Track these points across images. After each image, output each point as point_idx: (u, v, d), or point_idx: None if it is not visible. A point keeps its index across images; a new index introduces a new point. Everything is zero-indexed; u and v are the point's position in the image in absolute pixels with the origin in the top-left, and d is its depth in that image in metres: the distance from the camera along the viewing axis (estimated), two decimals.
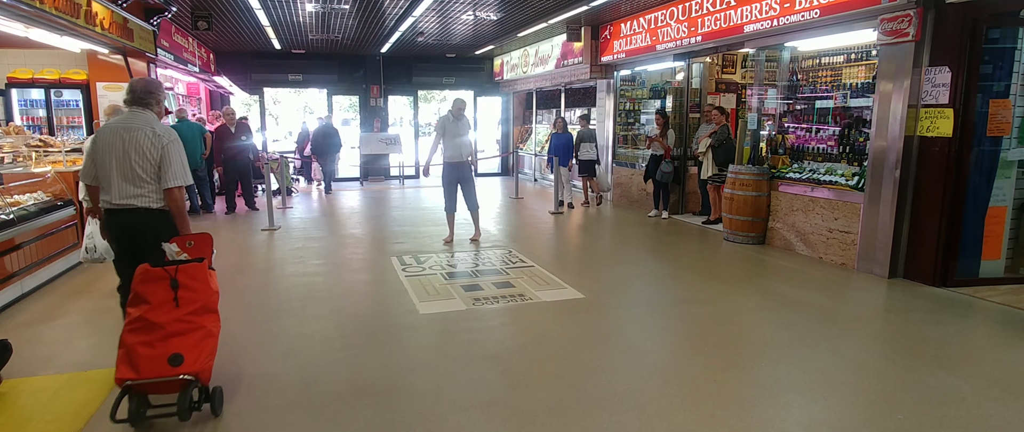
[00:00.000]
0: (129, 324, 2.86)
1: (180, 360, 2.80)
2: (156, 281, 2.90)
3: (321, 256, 6.65)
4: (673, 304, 4.99)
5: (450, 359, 3.79)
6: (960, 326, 4.48)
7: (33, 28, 6.00)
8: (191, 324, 2.90)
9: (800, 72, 7.04)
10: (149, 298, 2.87)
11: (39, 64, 9.12)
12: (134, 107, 3.35)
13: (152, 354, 2.79)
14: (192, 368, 2.82)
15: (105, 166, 3.24)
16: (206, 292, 2.99)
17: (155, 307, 2.86)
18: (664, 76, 9.98)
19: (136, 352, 2.79)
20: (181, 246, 3.16)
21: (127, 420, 2.81)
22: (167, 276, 2.91)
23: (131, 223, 3.27)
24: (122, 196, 3.24)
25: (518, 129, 16.32)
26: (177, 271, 2.92)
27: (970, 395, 3.27)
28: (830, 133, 6.55)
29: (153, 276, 2.91)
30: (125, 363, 2.78)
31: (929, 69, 5.32)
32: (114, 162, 3.22)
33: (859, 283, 5.58)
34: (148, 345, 2.80)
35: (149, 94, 3.38)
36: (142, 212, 3.26)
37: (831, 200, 6.28)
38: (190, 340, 2.87)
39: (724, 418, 3.00)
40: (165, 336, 2.83)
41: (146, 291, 2.89)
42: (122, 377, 2.76)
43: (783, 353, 3.90)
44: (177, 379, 2.78)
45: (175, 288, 2.90)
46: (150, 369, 2.77)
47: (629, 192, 10.64)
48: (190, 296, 2.92)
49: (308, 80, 15.10)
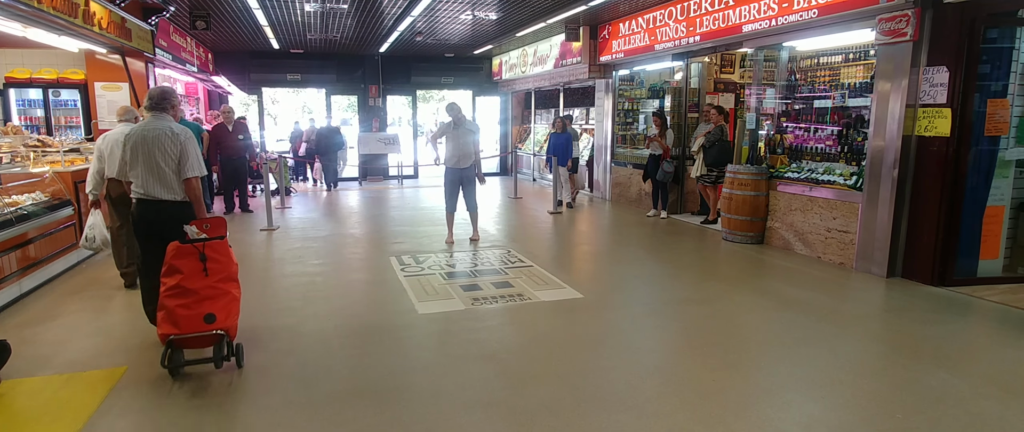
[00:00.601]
0: (166, 291, 3.40)
1: (213, 318, 3.42)
2: (188, 255, 3.45)
3: (320, 256, 6.65)
4: (672, 304, 4.99)
5: (449, 359, 3.80)
6: (958, 325, 4.49)
7: (31, 28, 5.99)
8: (219, 290, 3.49)
9: (798, 72, 7.05)
10: (182, 269, 3.43)
11: (37, 64, 9.11)
12: (153, 112, 3.89)
13: (190, 314, 3.38)
14: (223, 324, 3.45)
15: (136, 164, 3.79)
16: (228, 264, 3.58)
17: (188, 276, 3.42)
18: (663, 76, 9.99)
19: (176, 313, 3.37)
20: (199, 228, 3.57)
21: (169, 369, 3.42)
22: (196, 251, 3.46)
23: (155, 211, 3.79)
24: (148, 189, 3.77)
25: (517, 129, 16.33)
26: (204, 246, 3.48)
27: (968, 394, 3.28)
28: (829, 133, 6.56)
29: (185, 251, 3.45)
30: (168, 322, 3.37)
31: (927, 69, 5.33)
32: (142, 161, 3.77)
33: (857, 282, 5.59)
34: (186, 307, 3.39)
35: (165, 99, 3.92)
36: (165, 203, 3.78)
37: (830, 200, 6.29)
38: (219, 303, 3.48)
39: (722, 417, 3.01)
40: (199, 299, 3.42)
41: (180, 264, 3.43)
42: (165, 333, 3.36)
43: (781, 353, 3.91)
44: (211, 334, 3.40)
45: (204, 261, 3.46)
46: (189, 326, 3.38)
47: (628, 192, 10.65)
48: (216, 267, 3.50)
49: (306, 80, 15.09)
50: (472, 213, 7.36)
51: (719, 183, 8.09)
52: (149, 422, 3.00)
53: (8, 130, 7.29)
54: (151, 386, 3.40)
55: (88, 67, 8.69)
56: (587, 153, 12.21)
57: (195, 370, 3.57)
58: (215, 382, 3.44)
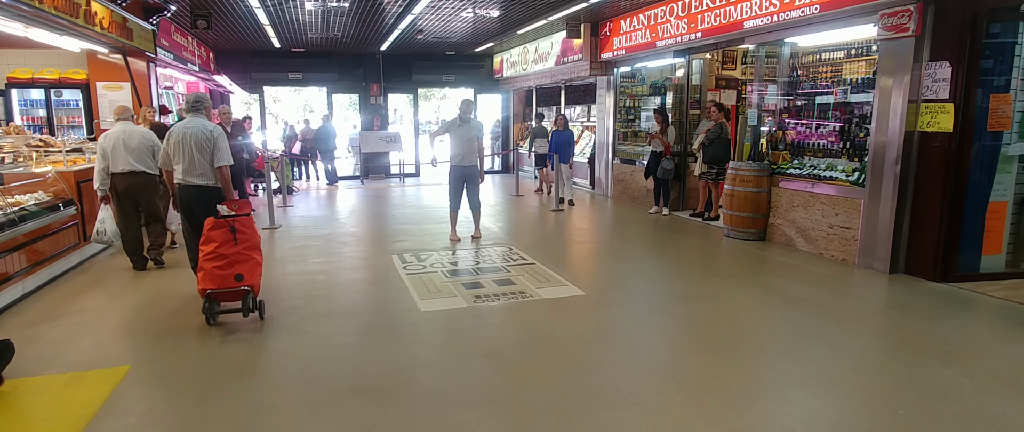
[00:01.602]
0: (204, 256, 4.21)
1: (241, 278, 4.23)
2: (221, 228, 4.26)
3: (322, 254, 6.66)
4: (673, 301, 4.99)
5: (451, 356, 3.80)
6: (961, 321, 4.48)
7: (32, 28, 6.00)
8: (246, 256, 4.29)
9: (800, 68, 7.03)
10: (217, 239, 4.23)
11: (39, 64, 9.12)
12: (192, 112, 4.75)
13: (223, 274, 4.18)
14: (248, 282, 4.25)
15: (178, 156, 4.66)
16: (253, 235, 4.40)
17: (222, 245, 4.22)
18: (664, 73, 9.97)
19: (212, 273, 4.18)
20: (228, 207, 4.44)
21: (206, 316, 4.25)
22: (228, 225, 4.27)
23: (194, 193, 4.71)
24: (188, 176, 4.66)
25: (518, 126, 16.31)
26: (234, 221, 4.28)
27: (971, 390, 3.27)
28: (831, 129, 6.54)
29: (219, 225, 4.27)
30: (206, 280, 4.18)
31: (929, 64, 5.31)
32: (182, 153, 4.63)
33: (860, 279, 5.58)
34: (220, 269, 4.19)
35: (200, 102, 4.82)
36: (201, 187, 4.70)
37: (832, 196, 6.28)
38: (247, 266, 4.28)
39: (724, 414, 3.00)
40: (230, 263, 4.22)
41: (215, 235, 4.24)
42: (204, 287, 4.17)
43: (784, 349, 3.91)
44: (240, 290, 4.21)
45: (234, 232, 4.27)
46: (223, 283, 4.19)
47: (629, 189, 10.64)
48: (244, 237, 4.31)
49: (308, 78, 15.09)
50: (475, 211, 7.36)
51: (720, 180, 8.08)
52: (152, 421, 3.00)
53: (11, 130, 7.30)
54: (154, 385, 3.41)
55: (90, 67, 8.70)
56: (589, 150, 12.25)
57: (206, 370, 3.58)
58: (219, 381, 3.45)
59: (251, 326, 4.36)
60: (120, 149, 5.60)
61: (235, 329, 4.30)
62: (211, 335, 4.19)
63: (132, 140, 5.67)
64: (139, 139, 5.73)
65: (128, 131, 5.70)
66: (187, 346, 4.01)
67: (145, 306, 4.87)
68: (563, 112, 12.60)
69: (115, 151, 5.59)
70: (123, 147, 5.61)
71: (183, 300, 5.01)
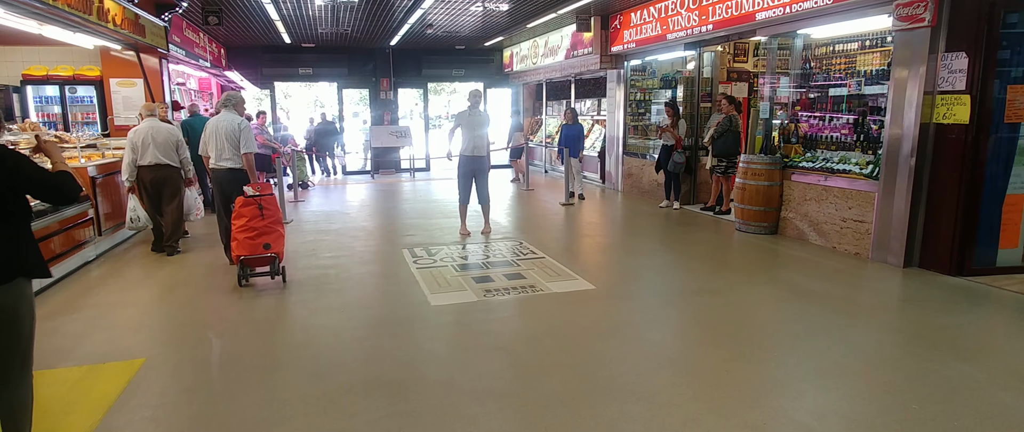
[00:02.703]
0: (237, 228, 5.06)
1: (268, 246, 5.10)
2: (250, 205, 5.10)
3: (333, 249, 6.69)
4: (684, 294, 4.97)
5: (461, 350, 3.81)
6: (976, 315, 4.43)
7: (46, 25, 6.06)
8: (271, 228, 5.15)
9: (813, 60, 6.95)
10: (247, 214, 5.07)
11: (53, 61, 9.22)
12: (224, 109, 5.73)
13: (253, 243, 5.06)
14: (274, 250, 5.13)
15: (212, 145, 5.62)
16: (276, 211, 5.25)
17: (251, 219, 5.07)
18: (675, 66, 9.90)
19: (244, 243, 5.04)
20: (253, 188, 5.21)
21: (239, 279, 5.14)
22: (255, 202, 5.10)
23: (223, 175, 5.67)
24: (218, 161, 5.62)
25: (528, 120, 16.27)
26: (261, 199, 5.13)
27: (985, 384, 3.24)
28: (844, 121, 6.47)
29: (248, 203, 5.10)
30: (239, 248, 5.03)
31: (945, 55, 5.24)
32: (214, 142, 5.60)
33: (873, 272, 5.52)
34: (250, 239, 5.04)
35: (229, 100, 5.79)
36: (229, 169, 5.64)
37: (845, 189, 6.21)
38: (272, 236, 5.15)
39: (735, 408, 2.99)
40: (259, 234, 5.08)
41: (246, 211, 5.08)
42: (238, 254, 5.04)
43: (795, 343, 3.88)
44: (267, 256, 5.10)
45: (261, 209, 5.10)
46: (254, 250, 5.05)
47: (639, 183, 10.60)
48: (269, 213, 5.16)
49: (318, 74, 15.15)
50: (484, 206, 7.35)
51: (730, 173, 8.03)
52: (166, 414, 3.04)
53: (26, 127, 7.39)
54: (168, 378, 3.45)
55: (103, 64, 8.78)
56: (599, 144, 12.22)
57: (218, 363, 3.62)
58: (231, 374, 3.49)
59: (264, 317, 4.39)
60: (149, 143, 6.12)
61: (248, 321, 4.34)
62: (223, 328, 4.24)
63: (159, 135, 6.18)
64: (165, 134, 6.23)
65: (155, 127, 6.20)
66: (200, 339, 4.05)
67: (160, 300, 4.93)
68: (573, 106, 12.57)
69: (144, 145, 6.12)
70: (151, 141, 6.15)
71: (196, 295, 5.07)
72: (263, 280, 5.29)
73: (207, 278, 5.58)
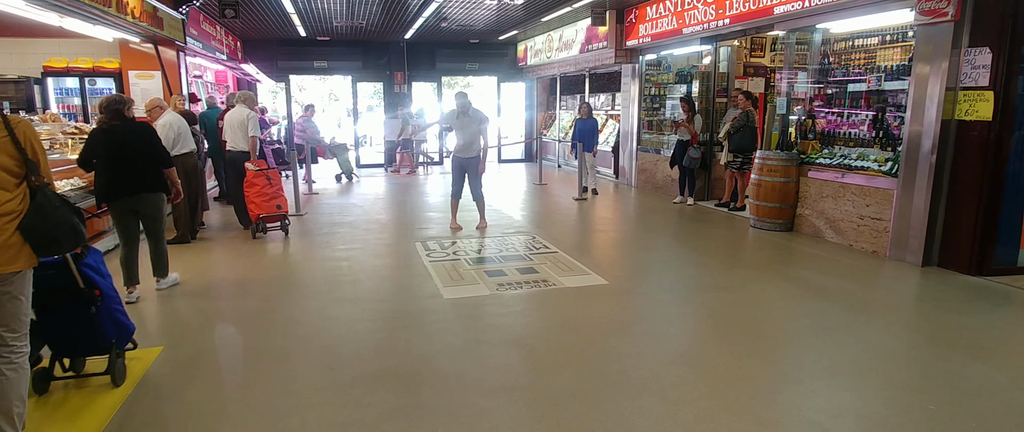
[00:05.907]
0: (252, 194, 6.68)
1: (279, 207, 6.82)
2: (260, 176, 6.73)
3: (346, 241, 6.73)
4: (698, 291, 4.94)
5: (474, 343, 3.82)
6: (996, 315, 4.36)
7: (67, 17, 6.14)
8: (279, 193, 6.88)
9: (832, 55, 6.85)
10: (258, 183, 6.71)
11: (73, 53, 9.35)
12: (237, 105, 7.05)
13: (268, 204, 6.75)
14: (283, 210, 6.87)
15: (228, 133, 7.02)
16: (279, 180, 6.97)
17: (261, 187, 6.72)
18: (690, 60, 9.81)
19: (260, 204, 6.70)
20: (254, 164, 6.76)
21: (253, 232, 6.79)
22: (264, 174, 6.75)
23: (236, 156, 7.05)
24: (233, 144, 7.04)
25: (542, 115, 16.23)
26: (268, 172, 6.79)
27: (1005, 385, 3.19)
28: (862, 117, 6.38)
29: (259, 175, 6.72)
30: (256, 209, 6.69)
31: (968, 50, 5.14)
32: (229, 131, 7.00)
33: (891, 271, 5.45)
34: (265, 200, 6.72)
35: (240, 97, 7.12)
36: (240, 151, 7.02)
37: (863, 186, 6.13)
38: (280, 199, 6.88)
39: (748, 405, 2.97)
40: (270, 197, 6.77)
41: (257, 180, 6.71)
42: (256, 213, 6.69)
43: (810, 341, 3.84)
44: (278, 213, 6.81)
45: (269, 179, 6.77)
46: (269, 210, 6.75)
47: (654, 178, 10.54)
48: (275, 180, 6.87)
49: (333, 67, 15.22)
50: (478, 202, 7.36)
51: (746, 169, 7.95)
52: (181, 403, 3.08)
53: (47, 118, 7.50)
54: (184, 367, 3.49)
55: (122, 56, 8.88)
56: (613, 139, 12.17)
57: (233, 354, 3.64)
58: (246, 364, 3.53)
59: (277, 308, 4.43)
60: (171, 134, 6.34)
61: (262, 311, 4.38)
62: (237, 318, 4.28)
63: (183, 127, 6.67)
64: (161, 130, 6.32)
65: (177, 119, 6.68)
66: (215, 329, 4.10)
67: (176, 290, 4.98)
68: (587, 100, 12.51)
69: (167, 138, 6.25)
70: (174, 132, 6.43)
71: (211, 284, 5.12)
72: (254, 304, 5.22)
73: (222, 268, 5.63)
